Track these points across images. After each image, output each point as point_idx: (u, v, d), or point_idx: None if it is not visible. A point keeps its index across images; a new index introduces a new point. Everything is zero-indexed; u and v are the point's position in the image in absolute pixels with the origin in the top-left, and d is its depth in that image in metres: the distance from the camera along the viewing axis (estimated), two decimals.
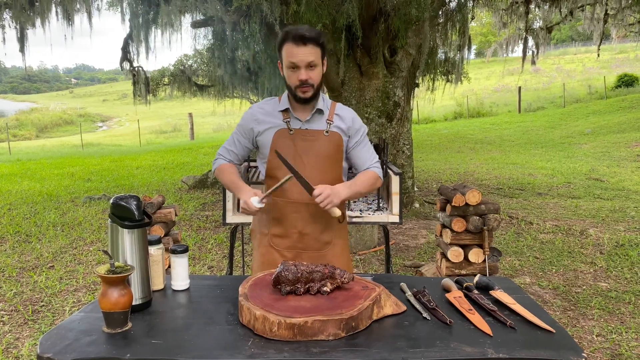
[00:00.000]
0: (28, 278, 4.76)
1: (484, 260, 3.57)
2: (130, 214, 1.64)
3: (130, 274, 1.53)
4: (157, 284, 1.85)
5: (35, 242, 6.00)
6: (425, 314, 1.64)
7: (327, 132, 2.12)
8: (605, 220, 6.53)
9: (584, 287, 4.40)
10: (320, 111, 2.14)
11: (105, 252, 1.54)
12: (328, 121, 2.13)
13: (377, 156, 2.28)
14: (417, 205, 7.40)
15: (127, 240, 1.65)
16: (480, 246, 3.60)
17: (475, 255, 3.57)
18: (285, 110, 2.12)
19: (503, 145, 15.94)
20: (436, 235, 3.98)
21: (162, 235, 3.40)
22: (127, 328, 1.54)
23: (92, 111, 54.00)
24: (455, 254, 3.61)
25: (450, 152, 14.89)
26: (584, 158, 12.66)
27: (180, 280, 1.86)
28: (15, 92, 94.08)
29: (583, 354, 1.39)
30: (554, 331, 1.52)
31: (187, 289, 1.88)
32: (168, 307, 1.73)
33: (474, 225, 3.53)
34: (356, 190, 2.12)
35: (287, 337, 1.46)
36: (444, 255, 3.78)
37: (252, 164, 3.44)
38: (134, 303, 1.63)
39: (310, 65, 2.01)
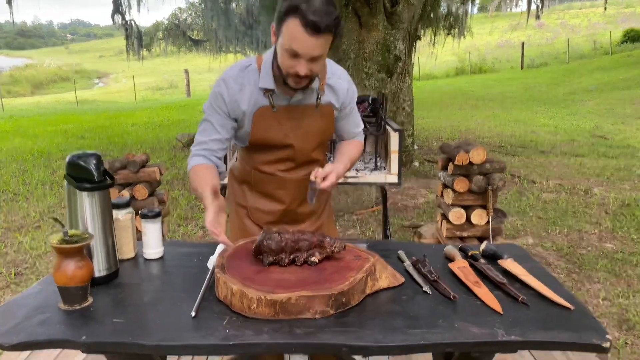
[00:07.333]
0: (13, 239, 4.59)
1: (487, 222, 3.39)
2: (89, 175, 1.42)
3: (87, 243, 1.33)
4: (127, 252, 1.65)
5: (22, 200, 5.81)
6: (425, 287, 1.45)
7: (317, 106, 1.75)
8: (610, 179, 6.34)
9: (589, 248, 4.24)
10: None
11: (56, 220, 1.34)
12: (319, 91, 1.73)
13: (361, 122, 1.99)
14: (416, 164, 7.19)
15: (87, 204, 1.44)
16: (484, 207, 3.40)
17: (479, 217, 3.38)
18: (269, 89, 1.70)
19: (505, 102, 15.59)
20: (437, 195, 3.78)
21: (146, 196, 3.21)
22: (87, 304, 1.36)
23: (89, 67, 52.98)
24: (457, 215, 3.41)
25: (451, 109, 14.56)
26: (588, 115, 12.37)
27: (152, 247, 1.67)
28: (10, 48, 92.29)
29: (607, 337, 1.20)
30: (573, 307, 1.34)
31: (161, 258, 1.69)
32: (137, 279, 1.54)
33: (478, 185, 3.32)
34: (349, 167, 1.89)
35: (268, 315, 1.28)
36: (444, 217, 3.58)
37: None
38: (96, 275, 1.45)
39: (314, 59, 1.54)
